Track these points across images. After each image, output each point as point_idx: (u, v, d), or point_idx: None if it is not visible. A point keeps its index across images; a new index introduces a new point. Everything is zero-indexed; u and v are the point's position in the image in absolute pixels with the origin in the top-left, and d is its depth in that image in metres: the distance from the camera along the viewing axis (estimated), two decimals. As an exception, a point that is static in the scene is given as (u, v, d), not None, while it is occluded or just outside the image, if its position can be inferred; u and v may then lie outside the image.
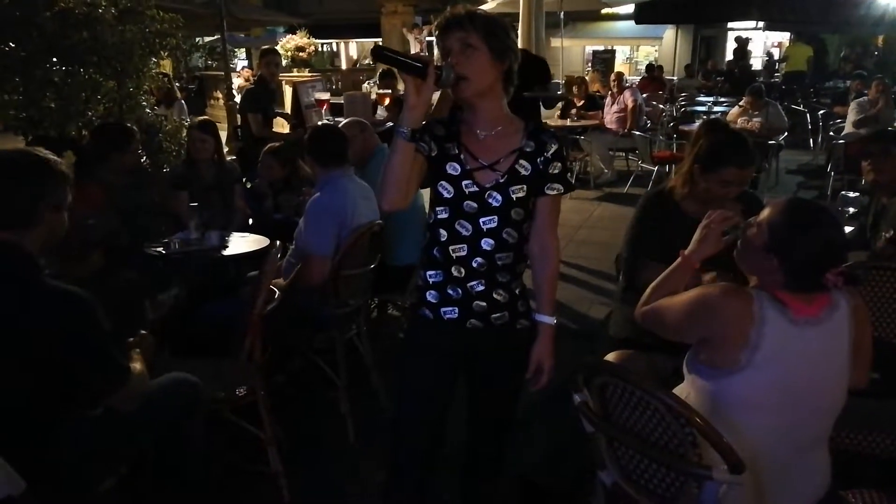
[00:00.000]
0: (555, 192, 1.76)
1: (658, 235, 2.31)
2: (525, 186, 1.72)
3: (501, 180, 1.71)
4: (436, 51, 1.74)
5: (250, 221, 3.91)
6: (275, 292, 2.72)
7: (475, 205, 1.72)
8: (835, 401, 1.65)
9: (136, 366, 1.99)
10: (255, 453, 2.51)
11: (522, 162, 1.73)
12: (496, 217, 1.72)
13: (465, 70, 1.63)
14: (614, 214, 6.54)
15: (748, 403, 1.60)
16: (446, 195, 1.74)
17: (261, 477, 2.52)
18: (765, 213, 1.64)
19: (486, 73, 1.65)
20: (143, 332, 2.23)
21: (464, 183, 1.72)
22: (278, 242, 2.72)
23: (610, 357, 2.27)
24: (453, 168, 1.73)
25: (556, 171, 1.75)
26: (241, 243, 3.34)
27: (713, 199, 2.26)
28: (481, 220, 1.72)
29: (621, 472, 1.77)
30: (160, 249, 3.18)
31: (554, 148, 1.74)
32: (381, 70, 7.40)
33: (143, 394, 1.93)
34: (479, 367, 1.89)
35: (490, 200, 1.71)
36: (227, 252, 3.26)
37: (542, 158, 1.73)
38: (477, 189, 1.71)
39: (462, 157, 1.73)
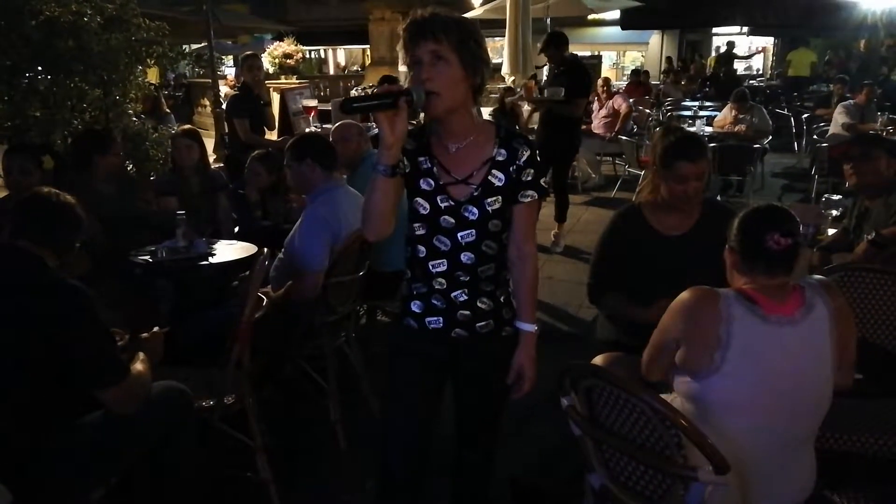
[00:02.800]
0: (529, 199, 1.72)
1: (625, 254, 2.41)
2: (500, 197, 1.69)
3: (476, 193, 1.68)
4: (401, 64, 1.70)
5: (236, 229, 3.90)
6: (262, 300, 2.72)
7: (452, 220, 1.70)
8: (818, 402, 1.67)
9: (139, 367, 1.98)
10: (245, 461, 2.50)
11: (495, 172, 1.69)
12: (474, 231, 1.70)
13: (436, 86, 1.55)
14: (602, 219, 6.54)
15: (729, 404, 1.62)
16: (422, 211, 1.72)
17: (251, 485, 2.51)
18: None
19: (457, 88, 1.59)
20: (157, 329, 2.25)
21: (438, 198, 1.69)
22: (266, 250, 2.71)
23: (597, 360, 2.29)
24: (427, 184, 1.70)
25: (529, 178, 1.71)
26: (229, 251, 3.33)
27: (676, 203, 2.35)
28: (459, 234, 1.70)
29: (609, 474, 1.78)
30: (147, 258, 3.17)
31: (526, 154, 1.70)
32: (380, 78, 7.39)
33: (144, 397, 1.93)
34: (465, 375, 1.88)
35: (466, 214, 1.69)
36: (214, 260, 3.25)
37: (515, 167, 1.69)
38: (452, 203, 1.69)
39: (435, 171, 1.70)
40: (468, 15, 10.41)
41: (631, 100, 8.93)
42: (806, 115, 9.13)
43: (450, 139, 1.69)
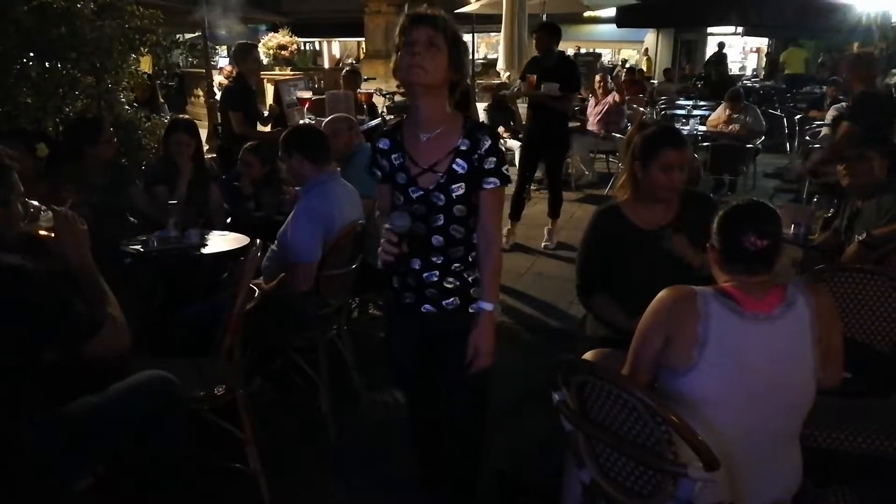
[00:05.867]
0: (491, 186, 1.86)
1: (609, 253, 2.42)
2: (463, 184, 1.85)
3: (442, 181, 1.85)
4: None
5: (228, 220, 3.88)
6: (255, 291, 2.71)
7: (424, 207, 1.87)
8: (801, 398, 1.68)
9: (109, 310, 1.92)
10: (235, 453, 2.49)
11: (459, 161, 1.85)
12: (442, 216, 1.87)
13: (425, 62, 1.74)
14: (595, 216, 6.57)
15: (708, 400, 1.63)
16: (397, 202, 1.92)
17: (240, 476, 2.50)
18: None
19: (439, 72, 1.78)
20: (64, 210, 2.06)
21: (410, 189, 1.88)
22: (258, 241, 2.70)
23: (587, 356, 2.30)
24: (401, 178, 1.90)
25: (492, 166, 1.85)
26: (221, 242, 3.31)
27: (661, 195, 2.35)
28: (430, 218, 1.87)
29: (599, 469, 1.78)
30: (138, 247, 3.14)
31: (487, 144, 1.84)
32: (344, 70, 7.40)
33: (126, 335, 1.90)
34: (440, 347, 2.03)
35: (434, 200, 1.86)
36: (206, 250, 3.23)
37: (477, 156, 1.84)
38: (422, 192, 1.87)
39: (406, 164, 1.89)
40: (464, 10, 10.38)
41: (627, 97, 8.95)
42: (799, 116, 9.17)
43: (422, 128, 1.87)
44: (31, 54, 4.37)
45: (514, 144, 7.50)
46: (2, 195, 1.85)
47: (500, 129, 7.58)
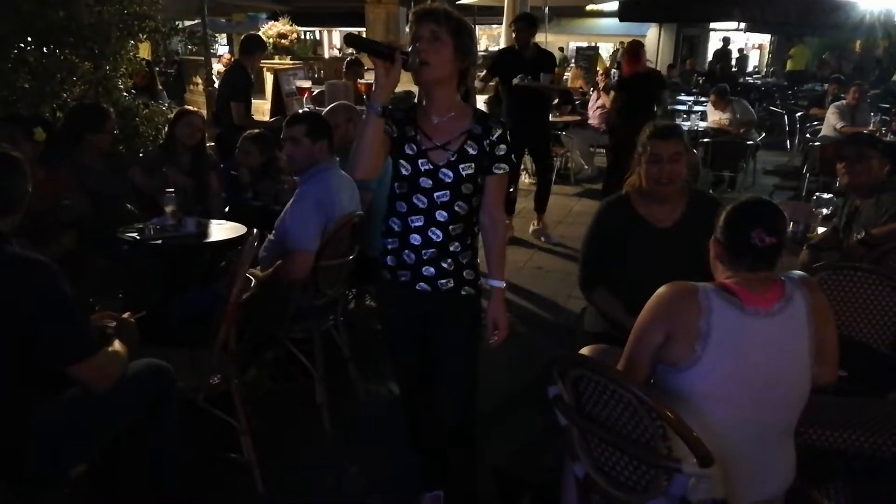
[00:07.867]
0: (501, 171, 1.98)
1: (613, 244, 2.46)
2: (473, 164, 1.94)
3: (453, 158, 1.94)
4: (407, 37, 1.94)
5: (227, 209, 3.87)
6: (251, 281, 2.69)
7: (430, 181, 1.94)
8: (797, 395, 1.69)
9: (116, 345, 1.95)
10: (230, 443, 2.49)
11: (471, 142, 1.94)
12: (448, 192, 1.94)
13: (430, 58, 1.83)
14: (594, 210, 6.53)
15: (707, 395, 1.63)
16: (404, 172, 1.96)
17: (235, 466, 2.50)
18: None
19: (446, 65, 1.87)
20: (126, 316, 2.17)
21: (419, 161, 1.94)
22: (255, 230, 2.69)
23: (584, 351, 2.29)
24: (410, 148, 1.96)
25: (502, 153, 1.96)
26: (218, 230, 3.30)
27: (654, 189, 2.39)
28: (435, 194, 1.94)
29: (593, 463, 1.78)
30: (135, 235, 3.13)
31: (499, 132, 1.95)
32: (347, 59, 7.40)
33: (118, 374, 1.90)
34: (432, 327, 2.08)
35: (442, 177, 1.93)
36: (203, 239, 3.22)
37: (489, 141, 1.95)
38: (431, 167, 1.94)
39: (418, 138, 1.96)
40: (465, 1, 10.33)
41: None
42: (800, 114, 9.15)
43: (433, 113, 1.95)
44: (30, 39, 4.35)
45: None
46: (20, 196, 1.83)
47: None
